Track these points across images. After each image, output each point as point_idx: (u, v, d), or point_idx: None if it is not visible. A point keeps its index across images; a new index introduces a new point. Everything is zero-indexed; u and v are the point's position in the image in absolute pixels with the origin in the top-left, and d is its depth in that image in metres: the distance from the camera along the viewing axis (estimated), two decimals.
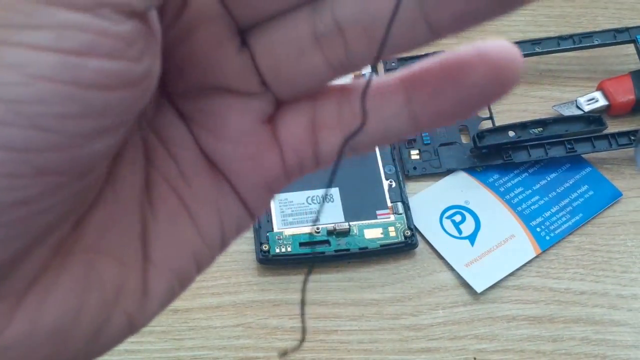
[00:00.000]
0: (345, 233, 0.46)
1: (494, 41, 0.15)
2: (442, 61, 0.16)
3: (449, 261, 0.47)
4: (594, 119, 0.51)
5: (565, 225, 0.48)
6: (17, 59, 0.12)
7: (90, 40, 0.13)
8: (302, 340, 0.18)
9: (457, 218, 0.49)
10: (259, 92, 0.17)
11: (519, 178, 0.51)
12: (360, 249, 0.46)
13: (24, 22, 0.12)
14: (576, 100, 0.52)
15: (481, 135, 0.49)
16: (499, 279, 0.46)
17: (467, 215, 0.49)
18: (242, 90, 0.16)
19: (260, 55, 0.16)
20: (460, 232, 0.48)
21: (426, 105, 0.16)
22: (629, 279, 0.46)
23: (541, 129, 0.50)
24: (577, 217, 0.49)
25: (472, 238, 0.48)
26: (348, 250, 0.46)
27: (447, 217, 0.49)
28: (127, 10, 0.13)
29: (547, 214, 0.49)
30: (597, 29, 0.53)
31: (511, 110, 0.53)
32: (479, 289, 0.45)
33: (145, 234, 0.17)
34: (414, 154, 0.51)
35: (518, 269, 0.47)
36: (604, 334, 0.44)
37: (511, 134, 0.50)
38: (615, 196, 0.50)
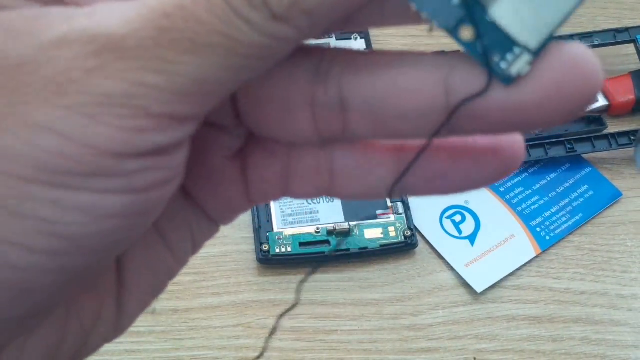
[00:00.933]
0: (345, 233, 0.46)
1: (509, 136, 0.15)
2: (447, 145, 0.15)
3: (449, 261, 0.47)
4: (594, 119, 0.51)
5: (565, 225, 0.48)
6: (83, 202, 0.12)
7: (159, 176, 0.13)
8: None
9: (457, 218, 0.49)
10: (233, 127, 0.16)
11: (519, 178, 0.51)
12: (360, 249, 0.46)
13: (89, 171, 0.12)
14: None
15: None
16: (499, 279, 0.46)
17: (467, 215, 0.49)
18: (214, 123, 0.16)
19: (244, 101, 0.15)
20: (460, 232, 0.48)
21: (417, 182, 0.15)
22: (629, 279, 0.46)
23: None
24: (577, 217, 0.49)
25: (472, 238, 0.48)
26: (348, 250, 0.46)
27: (447, 217, 0.49)
28: (186, 137, 0.13)
29: (547, 214, 0.49)
30: (597, 29, 0.53)
31: None
32: (479, 289, 0.45)
33: (121, 265, 0.17)
34: None
35: (518, 269, 0.46)
36: (604, 334, 0.44)
37: None
38: (615, 196, 0.50)
